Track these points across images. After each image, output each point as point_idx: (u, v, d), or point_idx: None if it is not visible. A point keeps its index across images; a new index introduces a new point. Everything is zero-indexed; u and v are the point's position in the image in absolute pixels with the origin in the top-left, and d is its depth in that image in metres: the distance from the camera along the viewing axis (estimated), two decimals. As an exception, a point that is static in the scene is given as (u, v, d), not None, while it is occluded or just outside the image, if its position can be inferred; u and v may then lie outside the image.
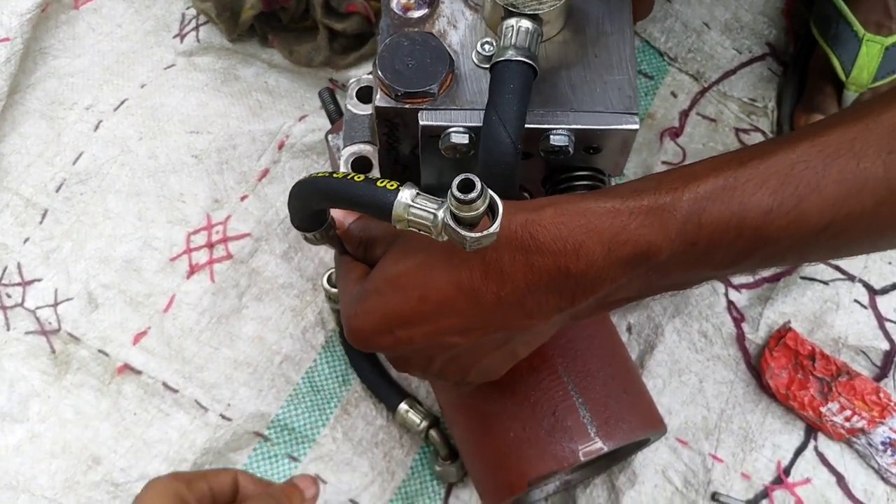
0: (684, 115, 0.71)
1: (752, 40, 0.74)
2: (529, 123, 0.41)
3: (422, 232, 0.35)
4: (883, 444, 0.60)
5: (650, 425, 0.53)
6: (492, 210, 0.33)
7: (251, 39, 0.72)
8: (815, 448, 0.61)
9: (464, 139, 0.42)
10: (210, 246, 0.65)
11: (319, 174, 0.39)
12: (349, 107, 0.53)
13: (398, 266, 0.39)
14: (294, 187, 0.41)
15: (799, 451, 0.61)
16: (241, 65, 0.72)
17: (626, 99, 0.43)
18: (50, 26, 0.73)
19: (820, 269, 0.65)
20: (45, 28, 0.73)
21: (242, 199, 0.67)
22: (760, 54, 0.74)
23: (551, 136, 0.43)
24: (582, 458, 0.49)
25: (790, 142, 0.37)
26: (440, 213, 0.34)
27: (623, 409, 0.52)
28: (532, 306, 0.38)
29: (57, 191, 0.67)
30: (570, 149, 0.43)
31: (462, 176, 0.32)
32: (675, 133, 0.70)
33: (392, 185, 0.36)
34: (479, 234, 0.33)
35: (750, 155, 0.37)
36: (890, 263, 0.65)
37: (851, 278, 0.65)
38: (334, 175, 0.38)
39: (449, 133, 0.42)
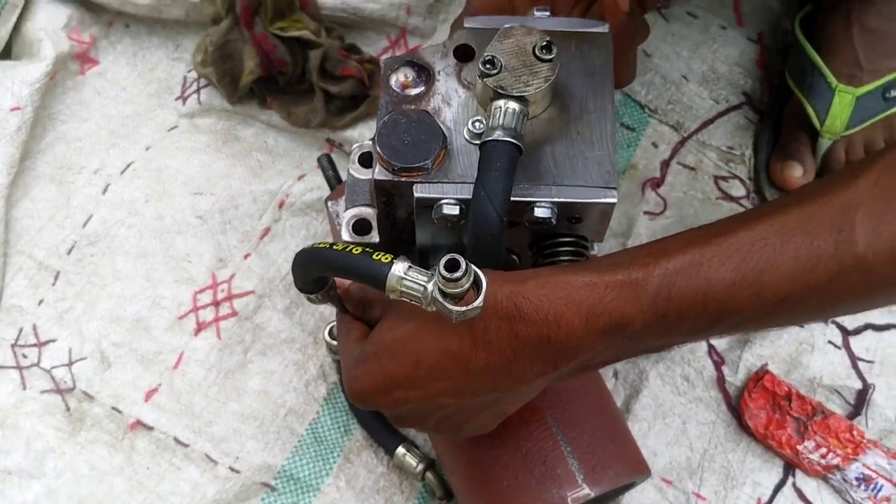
0: (665, 164, 0.75)
1: (728, 90, 0.78)
2: (515, 196, 0.44)
3: (413, 302, 0.38)
4: (857, 479, 0.63)
5: (635, 471, 0.56)
6: (476, 285, 0.37)
7: (251, 101, 0.76)
8: (794, 484, 0.64)
9: (454, 210, 0.46)
10: (216, 304, 0.68)
11: (320, 245, 0.43)
12: (351, 171, 0.56)
13: (394, 333, 0.43)
14: (297, 256, 0.45)
15: (778, 488, 0.64)
16: (242, 125, 0.76)
17: (606, 174, 0.46)
18: (58, 93, 0.77)
19: (795, 312, 0.68)
20: (53, 94, 0.77)
21: (245, 257, 0.70)
22: (737, 103, 0.77)
23: (535, 209, 0.46)
24: (571, 504, 0.52)
25: (751, 219, 0.41)
26: (430, 287, 0.37)
27: (609, 456, 0.55)
28: (518, 371, 0.41)
29: (68, 253, 0.71)
30: (553, 220, 0.46)
31: (448, 256, 0.36)
32: (657, 183, 0.74)
33: (387, 259, 0.39)
34: (464, 309, 0.37)
35: (715, 232, 0.41)
36: (861, 304, 0.69)
37: (825, 320, 0.68)
38: (334, 247, 0.42)
39: (441, 204, 0.46)
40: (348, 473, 0.63)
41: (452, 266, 0.36)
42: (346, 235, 0.52)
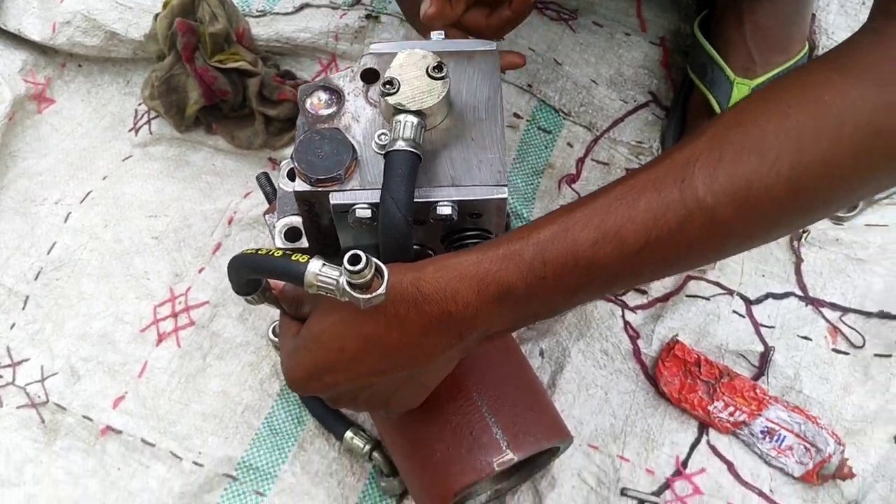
0: (580, 161, 0.82)
1: (635, 91, 0.85)
2: (419, 198, 0.51)
3: (328, 294, 0.45)
4: (762, 432, 0.70)
5: (554, 435, 0.62)
6: (379, 274, 0.43)
7: (198, 128, 0.82)
8: (707, 442, 0.70)
9: (367, 213, 0.52)
10: (174, 315, 0.74)
11: (248, 251, 0.49)
12: (281, 185, 0.62)
13: (320, 325, 0.49)
14: (230, 262, 0.51)
15: (694, 446, 0.70)
16: (191, 151, 0.82)
17: (497, 173, 0.53)
18: (17, 131, 0.83)
19: (702, 287, 0.75)
20: (13, 133, 0.83)
21: (200, 271, 0.76)
22: (644, 102, 0.85)
23: (438, 207, 0.52)
24: (497, 469, 0.59)
25: (609, 187, 0.47)
26: (341, 280, 0.44)
27: (530, 424, 0.61)
28: (428, 345, 0.48)
29: (35, 279, 0.77)
30: (454, 216, 0.53)
31: (351, 252, 0.42)
32: (572, 179, 0.81)
33: (304, 259, 0.46)
34: (370, 296, 0.43)
35: (579, 203, 0.47)
36: (763, 276, 0.76)
37: (730, 292, 0.75)
38: (259, 252, 0.48)
39: (355, 209, 0.52)
40: (303, 460, 0.69)
41: (354, 260, 0.42)
42: (279, 242, 0.58)
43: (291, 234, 0.59)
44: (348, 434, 0.68)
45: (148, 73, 0.81)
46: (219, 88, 0.76)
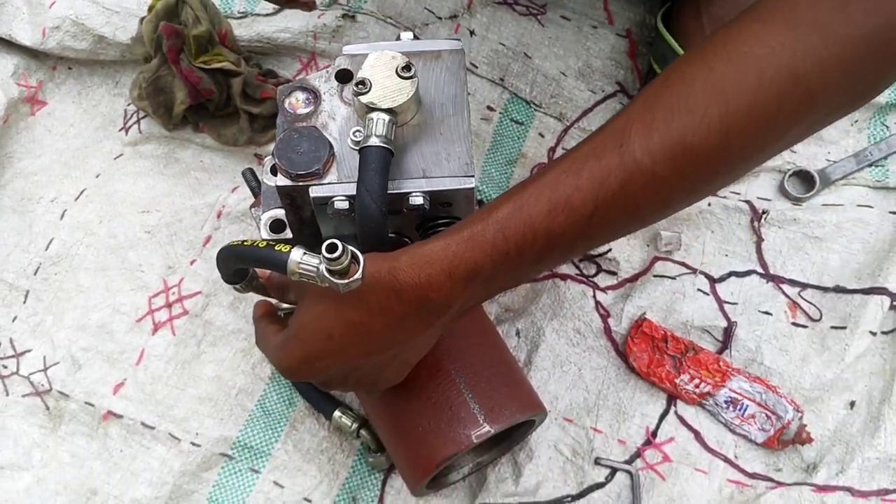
0: (552, 151, 0.86)
1: (603, 81, 0.88)
2: (392, 190, 0.55)
3: (310, 281, 0.48)
4: (726, 402, 0.74)
5: (529, 408, 0.67)
6: (356, 260, 0.47)
7: (185, 127, 0.86)
8: (675, 412, 0.74)
9: (345, 205, 0.56)
10: (168, 306, 0.78)
11: (234, 242, 0.53)
12: (264, 180, 0.66)
13: (308, 315, 0.53)
14: (219, 253, 0.55)
15: (662, 416, 0.74)
16: (180, 149, 0.86)
17: (465, 165, 0.57)
18: (12, 133, 0.86)
19: (668, 268, 0.79)
20: (9, 136, 0.86)
21: (192, 263, 0.80)
22: (612, 92, 0.88)
23: (410, 198, 0.56)
24: (475, 441, 0.63)
25: (557, 161, 0.50)
26: (321, 267, 0.48)
27: (505, 398, 0.65)
28: (410, 328, 0.52)
29: (35, 273, 0.80)
30: (426, 206, 0.56)
31: (328, 241, 0.46)
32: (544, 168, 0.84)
33: (286, 248, 0.49)
34: (347, 281, 0.47)
35: (531, 179, 0.50)
36: (726, 256, 0.80)
37: (694, 271, 0.79)
38: (244, 243, 0.52)
39: (333, 201, 0.56)
40: (295, 439, 0.74)
41: (332, 248, 0.46)
42: (264, 234, 0.62)
43: (276, 225, 0.63)
44: (336, 413, 0.72)
45: (136, 74, 0.85)
46: (204, 88, 0.79)
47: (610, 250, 0.80)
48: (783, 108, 0.47)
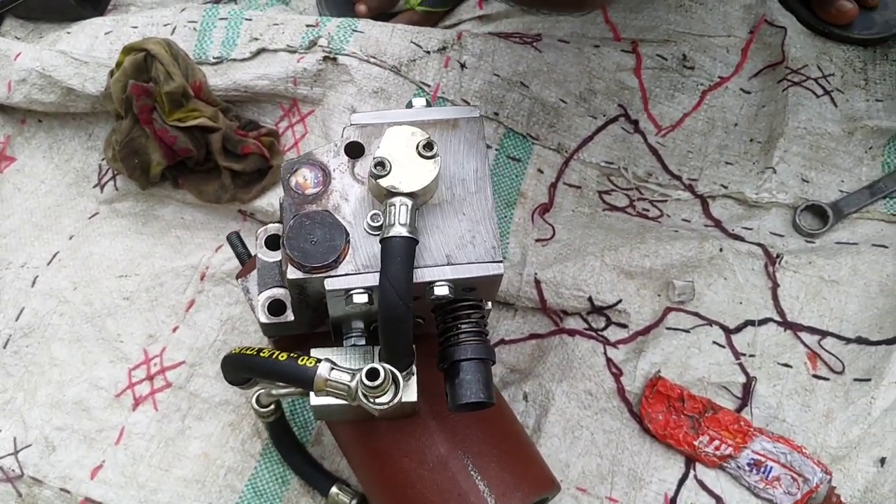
0: (552, 187, 0.81)
1: (605, 104, 0.83)
2: (416, 280, 0.50)
3: (339, 398, 0.45)
4: (749, 465, 0.70)
5: (542, 488, 0.62)
6: (395, 383, 0.43)
7: (164, 183, 0.81)
8: (695, 477, 0.70)
9: (363, 298, 0.51)
10: (150, 378, 0.73)
11: (248, 351, 0.48)
12: (260, 255, 0.60)
13: None
14: (227, 359, 0.51)
15: (681, 482, 0.70)
16: (159, 205, 0.81)
17: (492, 249, 0.52)
18: (-22, 194, 0.81)
19: (682, 319, 0.75)
20: (-26, 196, 0.81)
21: (174, 330, 0.75)
22: (613, 116, 0.83)
23: (435, 288, 0.51)
24: (486, 528, 0.58)
25: None
26: (352, 384, 0.43)
27: (517, 479, 0.61)
28: None
29: (4, 346, 0.75)
30: (451, 295, 0.51)
31: (369, 367, 0.42)
32: (545, 209, 0.80)
33: (311, 362, 0.45)
34: (384, 407, 0.43)
35: None
36: (741, 304, 0.76)
37: (709, 323, 0.75)
38: (261, 353, 0.47)
39: (351, 294, 0.51)
40: (289, 521, 0.69)
41: (373, 375, 0.42)
42: (262, 317, 0.57)
43: (275, 308, 0.58)
44: (333, 490, 0.67)
45: (108, 133, 0.79)
46: (180, 148, 0.74)
47: (620, 301, 0.75)
48: None
